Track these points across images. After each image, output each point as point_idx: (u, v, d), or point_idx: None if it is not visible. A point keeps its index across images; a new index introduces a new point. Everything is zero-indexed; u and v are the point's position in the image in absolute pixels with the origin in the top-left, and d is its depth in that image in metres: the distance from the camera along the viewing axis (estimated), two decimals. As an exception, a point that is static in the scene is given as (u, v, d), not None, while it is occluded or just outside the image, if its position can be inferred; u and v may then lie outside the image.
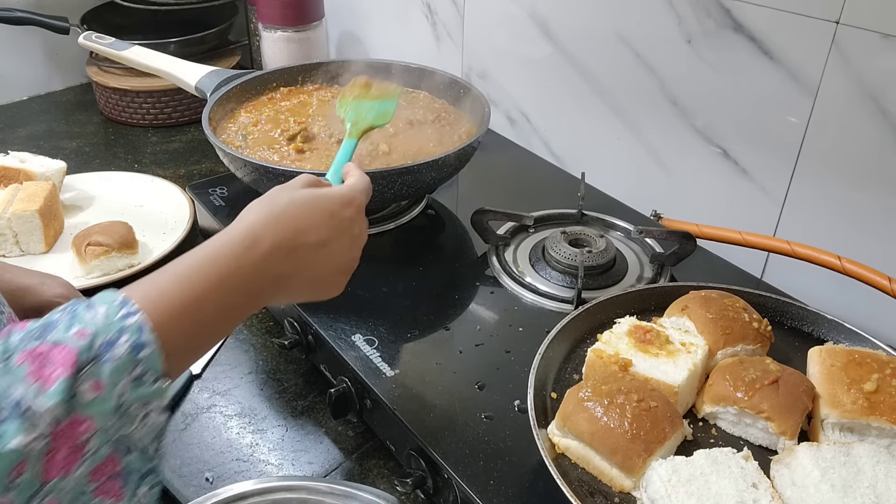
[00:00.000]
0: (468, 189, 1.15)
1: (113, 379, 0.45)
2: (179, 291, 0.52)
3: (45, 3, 1.58)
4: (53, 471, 0.43)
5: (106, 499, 0.47)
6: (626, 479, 0.63)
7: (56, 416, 0.42)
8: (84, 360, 0.44)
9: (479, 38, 1.35)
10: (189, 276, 0.53)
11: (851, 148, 0.91)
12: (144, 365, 0.47)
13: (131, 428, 0.47)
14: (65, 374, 0.43)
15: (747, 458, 0.62)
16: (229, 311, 0.56)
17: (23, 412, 0.41)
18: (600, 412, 0.63)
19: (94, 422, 0.44)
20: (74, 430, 0.43)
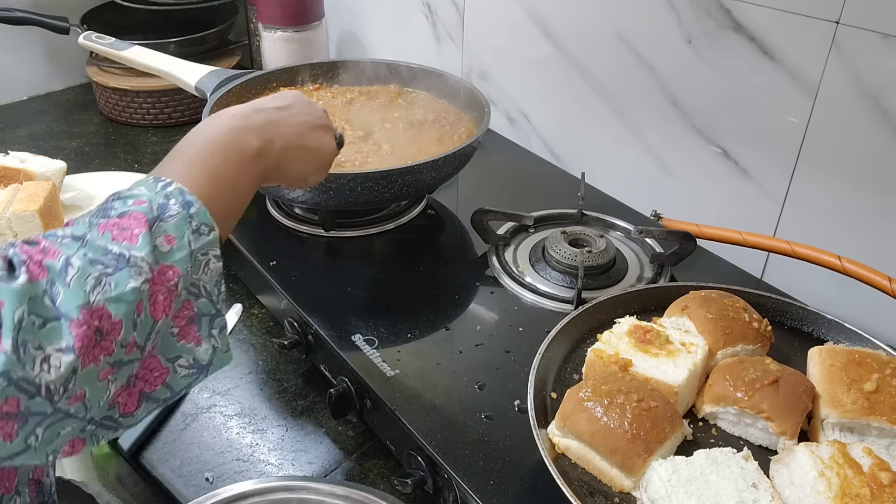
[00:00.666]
0: (468, 189, 1.15)
1: (179, 232, 0.53)
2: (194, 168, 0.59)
3: (45, 3, 1.58)
4: (159, 311, 0.51)
5: (187, 342, 0.55)
6: (626, 479, 0.63)
7: (150, 262, 0.50)
8: (151, 219, 0.52)
9: (479, 38, 1.35)
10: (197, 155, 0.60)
11: (851, 148, 0.91)
12: (198, 219, 0.54)
13: (199, 273, 0.54)
14: (143, 230, 0.51)
15: (747, 458, 0.62)
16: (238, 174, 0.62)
17: (127, 261, 0.49)
18: (600, 412, 0.63)
19: (177, 268, 0.52)
20: (164, 276, 0.51)
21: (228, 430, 0.85)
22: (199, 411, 0.87)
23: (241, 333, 0.99)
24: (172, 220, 0.53)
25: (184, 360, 0.55)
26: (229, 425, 0.86)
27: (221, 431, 0.85)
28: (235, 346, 0.97)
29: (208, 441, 0.83)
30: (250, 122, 0.65)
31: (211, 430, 0.85)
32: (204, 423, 0.86)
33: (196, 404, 0.88)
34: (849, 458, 0.61)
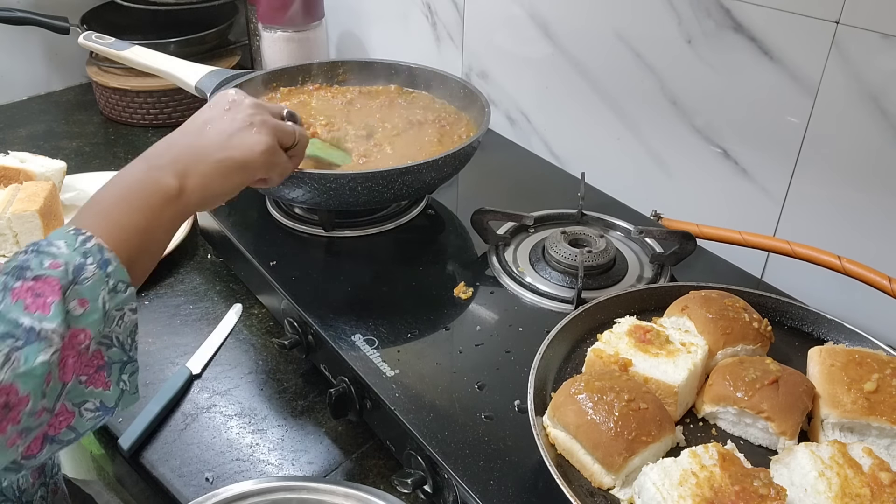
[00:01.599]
0: (468, 189, 1.15)
1: (93, 294, 0.54)
2: (115, 211, 0.60)
3: (45, 3, 1.58)
4: (69, 374, 0.53)
5: (96, 388, 0.56)
6: (607, 475, 0.63)
7: (61, 333, 0.51)
8: (66, 284, 0.52)
9: (479, 39, 1.35)
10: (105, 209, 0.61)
11: (851, 148, 0.91)
12: (115, 277, 0.55)
13: (112, 327, 0.56)
14: (56, 299, 0.51)
15: (733, 451, 0.62)
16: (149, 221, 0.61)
17: (37, 335, 0.50)
18: (588, 406, 0.64)
19: (89, 331, 0.53)
20: (76, 339, 0.52)
21: (228, 430, 0.85)
22: (199, 411, 0.87)
23: (241, 333, 0.99)
24: (88, 283, 0.53)
25: (90, 404, 0.56)
26: (229, 425, 0.86)
27: (221, 431, 0.85)
28: (235, 346, 0.97)
29: (208, 441, 0.83)
30: (162, 162, 0.65)
31: (211, 430, 0.85)
32: (204, 423, 0.86)
33: (196, 404, 0.88)
34: (849, 458, 0.61)
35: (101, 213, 0.60)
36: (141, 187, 0.62)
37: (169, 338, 0.98)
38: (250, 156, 0.69)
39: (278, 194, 0.98)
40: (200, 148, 0.67)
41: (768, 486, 0.57)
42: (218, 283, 1.09)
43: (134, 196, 0.61)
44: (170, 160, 0.65)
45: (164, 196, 0.62)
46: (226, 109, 0.71)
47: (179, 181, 0.64)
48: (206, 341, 0.97)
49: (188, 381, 0.90)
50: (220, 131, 0.69)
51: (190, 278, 1.09)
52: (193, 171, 0.65)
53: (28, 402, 0.49)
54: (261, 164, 0.70)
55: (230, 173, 0.68)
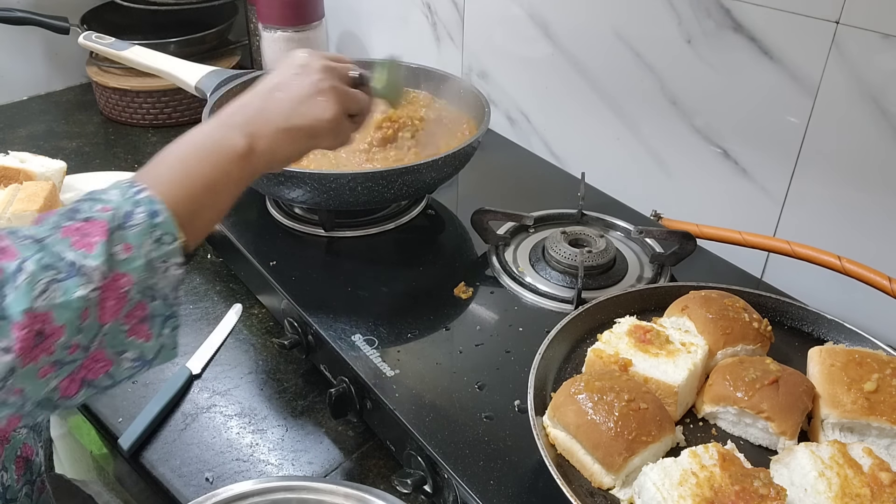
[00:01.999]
0: (468, 189, 1.15)
1: (138, 241, 0.55)
2: (170, 172, 0.61)
3: (45, 3, 1.58)
4: (107, 316, 0.53)
5: (137, 338, 0.57)
6: (607, 475, 0.63)
7: (103, 272, 0.52)
8: (113, 227, 0.54)
9: (479, 38, 1.35)
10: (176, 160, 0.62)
11: (851, 148, 0.91)
12: (162, 228, 0.56)
13: (155, 279, 0.56)
14: (102, 239, 0.53)
15: (733, 451, 0.62)
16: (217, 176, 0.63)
17: (78, 270, 0.51)
18: (588, 406, 0.64)
19: (132, 276, 0.54)
20: (118, 282, 0.53)
21: (228, 430, 0.85)
22: (199, 411, 0.87)
23: (241, 333, 0.99)
24: (134, 230, 0.55)
25: (130, 354, 0.57)
26: (229, 425, 0.86)
27: (221, 431, 0.85)
28: (235, 346, 0.97)
29: (208, 441, 0.83)
30: (233, 121, 0.66)
31: (211, 430, 0.85)
32: (204, 423, 0.86)
33: (196, 404, 0.88)
34: (849, 458, 0.61)
35: (163, 166, 0.61)
36: (210, 143, 0.63)
37: (169, 338, 0.98)
38: (317, 125, 0.70)
39: (278, 194, 0.98)
40: (269, 113, 0.68)
41: (768, 486, 0.57)
42: (218, 283, 1.09)
43: (202, 151, 0.63)
44: (240, 122, 0.66)
45: (232, 153, 0.63)
46: (295, 74, 0.71)
47: (248, 142, 0.64)
48: (206, 341, 0.97)
49: (188, 381, 0.90)
50: (289, 97, 0.69)
51: (190, 278, 1.09)
52: (262, 134, 0.66)
53: (62, 333, 0.50)
54: (327, 131, 0.71)
55: (297, 140, 0.69)
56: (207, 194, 0.61)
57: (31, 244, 0.51)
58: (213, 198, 0.62)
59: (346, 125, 0.73)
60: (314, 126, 0.69)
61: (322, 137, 0.71)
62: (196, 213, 0.60)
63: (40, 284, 0.49)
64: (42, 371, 0.51)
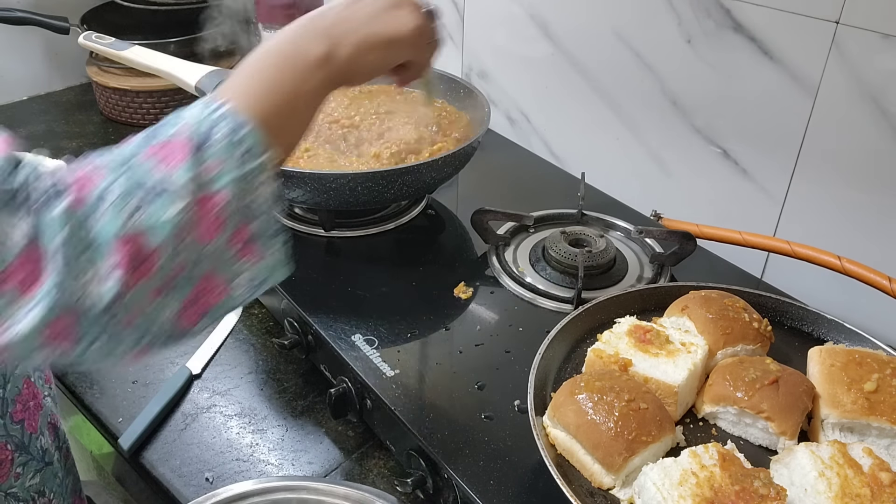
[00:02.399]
0: (468, 189, 1.15)
1: (226, 155, 0.52)
2: (251, 84, 0.59)
3: (45, 3, 1.58)
4: (206, 236, 0.51)
5: (248, 260, 0.55)
6: (607, 475, 0.63)
7: (192, 189, 0.50)
8: (197, 144, 0.52)
9: (479, 38, 1.35)
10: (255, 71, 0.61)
11: (851, 148, 0.91)
12: (249, 141, 0.54)
13: (251, 197, 0.54)
14: (187, 157, 0.51)
15: (733, 451, 0.62)
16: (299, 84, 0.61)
17: (164, 190, 0.49)
18: (588, 406, 0.64)
19: (224, 193, 0.52)
20: (211, 200, 0.51)
21: (228, 430, 0.85)
22: (199, 411, 0.87)
23: (241, 333, 0.99)
24: (220, 145, 0.53)
25: (244, 277, 0.56)
26: (229, 425, 0.86)
27: (221, 431, 0.85)
28: (235, 346, 0.97)
29: (208, 441, 0.83)
30: (313, 26, 0.64)
31: (211, 430, 0.85)
32: (204, 423, 0.86)
33: (196, 404, 0.88)
34: (849, 459, 0.61)
35: (242, 78, 0.60)
36: (289, 50, 0.62)
37: (169, 338, 0.98)
38: (401, 31, 0.69)
39: (278, 194, 0.98)
40: (350, 20, 0.67)
41: (768, 486, 0.57)
42: (218, 283, 1.09)
43: (280, 59, 0.61)
44: (320, 29, 0.64)
45: (311, 60, 0.62)
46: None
47: (328, 48, 0.63)
48: (206, 341, 0.97)
49: (188, 381, 0.90)
50: (372, 4, 0.68)
51: (190, 278, 1.09)
52: (343, 40, 0.64)
53: (160, 255, 0.49)
54: (409, 43, 0.70)
55: (378, 47, 0.68)
56: (290, 102, 0.60)
57: (116, 167, 0.50)
58: (295, 106, 0.61)
59: (425, 44, 0.73)
60: (396, 34, 0.69)
61: (403, 48, 0.70)
62: (280, 124, 0.59)
63: (129, 207, 0.48)
64: (153, 293, 0.50)
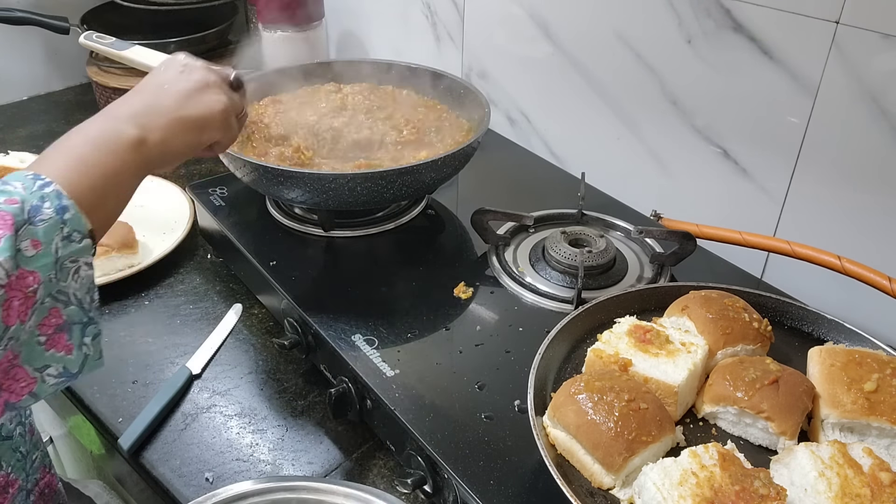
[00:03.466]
0: (468, 189, 1.15)
1: (47, 237, 0.52)
2: (67, 162, 0.59)
3: (45, 3, 1.58)
4: (12, 318, 0.50)
5: (57, 351, 0.55)
6: (607, 475, 0.63)
7: (7, 269, 0.49)
8: (20, 222, 0.51)
9: (479, 38, 1.35)
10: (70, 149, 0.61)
11: (851, 148, 0.91)
12: (71, 225, 0.54)
13: (67, 281, 0.54)
14: (7, 233, 0.50)
15: (733, 451, 0.62)
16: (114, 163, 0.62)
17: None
18: (588, 406, 0.64)
19: (38, 274, 0.51)
20: (23, 281, 0.51)
21: (228, 430, 0.85)
22: (199, 411, 0.87)
23: (241, 333, 0.99)
24: (43, 225, 0.52)
25: (52, 370, 0.55)
26: (229, 425, 0.86)
27: (221, 431, 0.85)
28: (235, 346, 0.97)
29: (208, 441, 0.83)
30: (122, 113, 0.66)
31: (211, 430, 0.85)
32: (204, 423, 0.86)
33: (196, 404, 0.88)
34: (849, 459, 0.61)
35: (62, 156, 0.59)
36: (104, 134, 0.63)
37: (169, 338, 0.98)
38: (209, 114, 0.71)
39: (278, 194, 0.98)
40: (160, 106, 0.68)
41: (768, 486, 0.57)
42: (218, 283, 1.09)
43: (97, 142, 0.61)
44: (130, 114, 0.66)
45: (126, 143, 0.63)
46: (180, 72, 0.73)
47: (141, 132, 0.64)
48: (206, 341, 0.97)
49: (188, 381, 0.90)
50: (178, 91, 0.70)
51: (190, 278, 1.09)
52: (154, 125, 0.66)
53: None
54: (218, 124, 0.72)
55: (188, 130, 0.69)
56: (109, 185, 0.60)
57: None
58: (114, 188, 0.61)
59: (233, 121, 0.75)
60: (205, 117, 0.70)
61: (213, 129, 0.72)
62: (99, 205, 0.59)
63: None
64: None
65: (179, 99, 0.70)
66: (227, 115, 0.73)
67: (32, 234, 0.52)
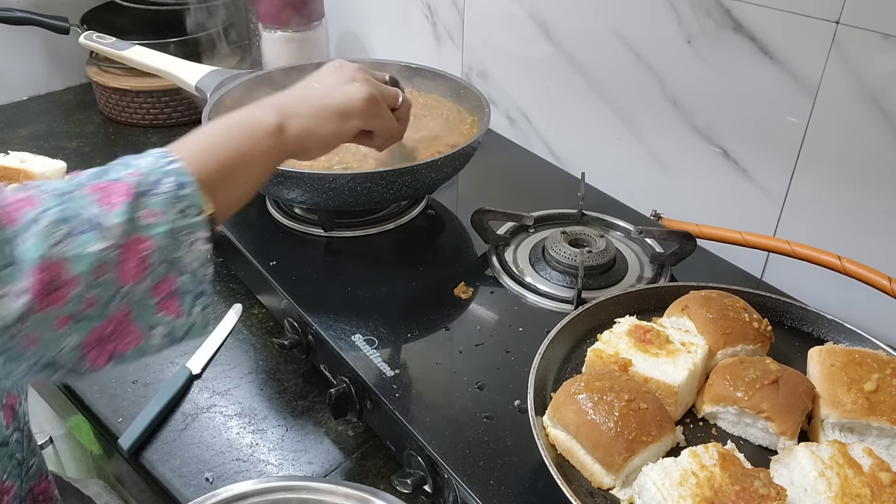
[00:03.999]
0: (468, 189, 1.15)
1: (164, 208, 0.55)
2: (202, 144, 0.63)
3: (45, 3, 1.58)
4: (126, 277, 0.53)
5: (167, 314, 0.57)
6: (607, 475, 0.63)
7: (123, 231, 0.52)
8: (139, 191, 0.54)
9: (479, 38, 1.35)
10: (207, 135, 0.64)
11: (851, 148, 0.91)
12: (188, 200, 0.56)
13: (181, 252, 0.56)
14: (126, 200, 0.53)
15: (733, 451, 0.62)
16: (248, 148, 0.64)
17: (96, 226, 0.51)
18: (588, 406, 0.64)
19: (153, 241, 0.54)
20: (138, 245, 0.53)
21: (228, 430, 0.85)
22: (199, 411, 0.87)
23: (241, 333, 0.99)
24: (161, 197, 0.55)
25: (160, 329, 0.57)
26: (229, 425, 0.86)
27: (221, 431, 0.85)
28: (235, 346, 0.97)
29: (208, 441, 0.83)
30: (268, 103, 0.69)
31: (211, 430, 0.85)
32: (204, 423, 0.86)
33: (196, 404, 0.88)
34: (849, 459, 0.61)
35: (196, 139, 0.63)
36: (243, 119, 0.66)
37: (169, 338, 0.98)
38: (351, 101, 0.73)
39: (278, 194, 0.98)
40: (304, 96, 0.72)
41: (768, 486, 0.57)
42: (218, 283, 1.09)
43: (234, 127, 0.65)
44: (274, 104, 0.69)
45: (264, 129, 0.65)
46: (332, 72, 0.77)
47: (280, 119, 0.67)
48: (206, 341, 0.97)
49: (188, 381, 0.90)
50: (325, 84, 0.74)
51: (190, 278, 1.09)
52: (295, 112, 0.69)
53: (76, 285, 0.50)
54: (360, 112, 0.74)
55: (330, 117, 0.72)
56: (237, 168, 0.63)
57: (56, 196, 0.52)
58: (242, 171, 0.63)
59: (384, 110, 0.77)
60: (347, 103, 0.73)
61: (355, 116, 0.74)
62: (225, 187, 0.61)
63: (57, 234, 0.50)
64: (58, 321, 0.51)
65: (326, 90, 0.73)
66: (371, 102, 0.75)
67: (149, 205, 0.54)
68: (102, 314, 0.53)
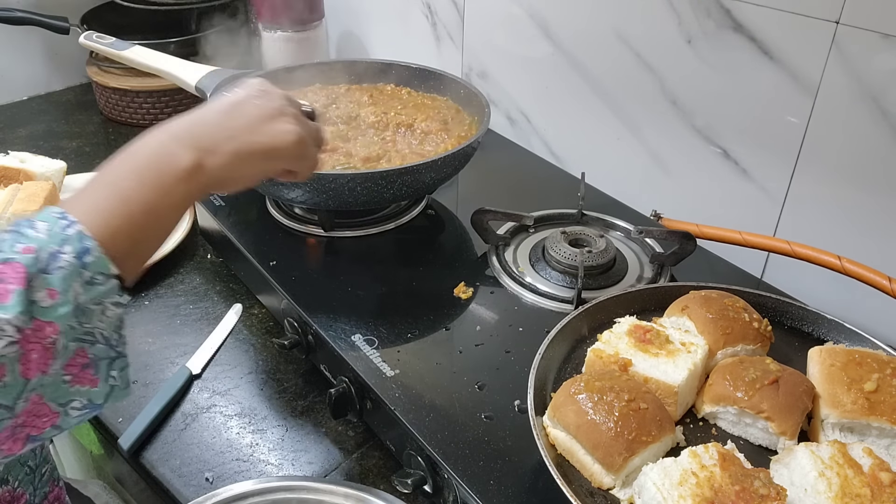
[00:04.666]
0: (468, 189, 1.15)
1: (65, 285, 0.49)
2: (107, 196, 0.56)
3: (45, 3, 1.58)
4: (32, 371, 0.48)
5: (82, 386, 0.52)
6: (607, 475, 0.63)
7: (19, 324, 0.47)
8: (35, 271, 0.48)
9: (479, 38, 1.35)
10: (113, 181, 0.57)
11: (851, 148, 0.91)
12: (92, 269, 0.51)
13: (93, 323, 0.52)
14: (18, 288, 0.47)
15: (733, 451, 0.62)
16: (158, 199, 0.58)
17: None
18: (588, 406, 0.64)
19: (58, 325, 0.49)
20: (41, 332, 0.48)
21: (228, 430, 0.85)
22: (199, 411, 0.87)
23: (241, 333, 0.99)
24: (60, 273, 0.49)
25: (77, 403, 0.53)
26: (229, 425, 0.86)
27: (221, 431, 0.85)
28: (235, 346, 0.97)
29: (208, 441, 0.83)
30: (185, 135, 0.61)
31: (211, 430, 0.85)
32: (204, 423, 0.86)
33: (196, 404, 0.88)
34: (849, 459, 0.61)
35: (98, 190, 0.56)
36: (154, 160, 0.58)
37: (169, 338, 0.98)
38: (279, 144, 0.66)
39: (278, 194, 0.98)
40: (229, 128, 0.63)
41: (768, 486, 0.57)
42: (218, 283, 1.09)
43: (143, 171, 0.57)
44: (194, 136, 0.61)
45: (179, 173, 0.58)
46: (257, 96, 0.68)
47: (198, 156, 0.60)
48: (206, 341, 0.97)
49: (188, 381, 0.90)
50: (251, 115, 0.65)
51: (190, 278, 1.09)
52: (218, 149, 0.61)
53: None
54: (288, 155, 0.67)
55: (255, 158, 0.65)
56: (147, 221, 0.57)
57: None
58: (153, 224, 0.58)
59: (311, 152, 0.70)
60: (276, 146, 0.65)
61: (282, 159, 0.67)
62: (135, 243, 0.56)
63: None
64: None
65: (251, 124, 0.65)
66: (301, 145, 0.67)
67: (48, 284, 0.49)
68: (11, 414, 0.49)
